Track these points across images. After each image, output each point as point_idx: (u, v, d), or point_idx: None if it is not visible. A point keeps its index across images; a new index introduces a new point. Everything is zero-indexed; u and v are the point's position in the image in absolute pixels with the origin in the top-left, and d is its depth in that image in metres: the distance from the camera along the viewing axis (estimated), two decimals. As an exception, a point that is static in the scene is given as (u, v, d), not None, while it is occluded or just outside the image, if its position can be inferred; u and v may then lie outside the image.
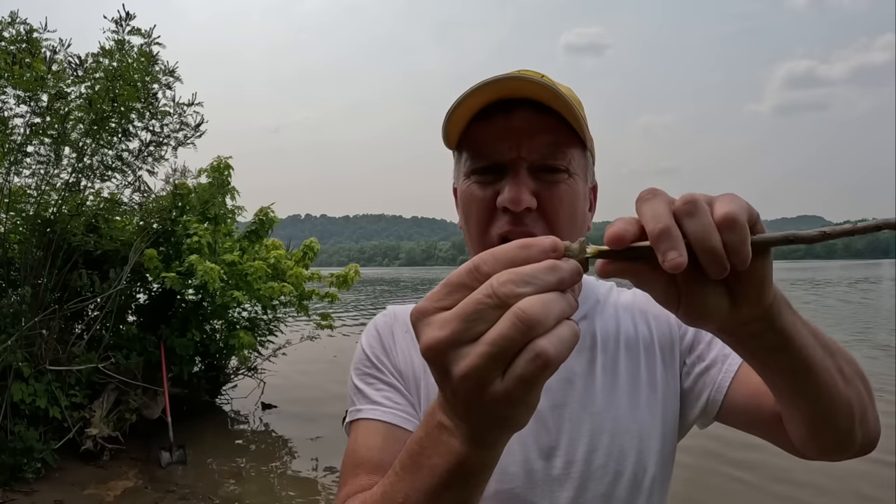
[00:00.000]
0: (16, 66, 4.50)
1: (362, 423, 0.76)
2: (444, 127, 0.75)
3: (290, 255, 6.44)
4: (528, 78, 0.69)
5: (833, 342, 0.57)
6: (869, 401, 0.60)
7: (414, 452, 0.48)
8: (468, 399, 0.39)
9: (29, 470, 4.37)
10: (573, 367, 0.79)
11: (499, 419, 0.40)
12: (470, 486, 0.46)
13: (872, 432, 0.62)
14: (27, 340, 4.71)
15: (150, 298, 6.19)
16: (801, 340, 0.50)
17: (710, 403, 0.77)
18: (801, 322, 0.51)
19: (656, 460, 0.76)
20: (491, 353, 0.35)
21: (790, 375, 0.54)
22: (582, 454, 0.74)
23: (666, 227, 0.38)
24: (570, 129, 0.73)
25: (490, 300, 0.36)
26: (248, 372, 6.78)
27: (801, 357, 0.51)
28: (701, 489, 4.38)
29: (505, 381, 0.36)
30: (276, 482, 4.81)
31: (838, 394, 0.55)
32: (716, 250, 0.38)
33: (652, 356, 0.81)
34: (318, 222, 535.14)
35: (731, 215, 0.38)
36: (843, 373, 0.56)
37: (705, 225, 0.38)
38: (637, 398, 0.78)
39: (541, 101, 0.71)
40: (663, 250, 0.37)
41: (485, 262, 0.38)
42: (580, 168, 0.76)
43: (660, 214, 0.38)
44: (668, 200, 0.40)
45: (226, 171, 5.90)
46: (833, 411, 0.57)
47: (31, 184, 5.13)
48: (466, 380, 0.37)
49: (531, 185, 0.71)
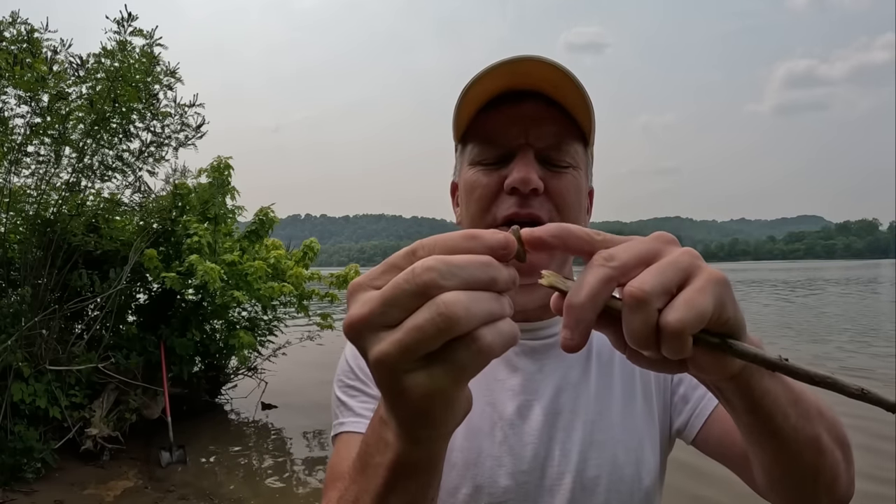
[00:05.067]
0: (17, 67, 4.50)
1: (344, 436, 0.75)
2: (455, 111, 0.74)
3: (290, 255, 6.44)
4: (543, 59, 0.68)
5: (817, 408, 0.53)
6: (845, 468, 0.57)
7: (362, 452, 0.47)
8: (387, 386, 0.36)
9: (29, 470, 4.37)
10: (567, 376, 0.77)
11: (419, 413, 0.37)
12: (412, 489, 0.44)
13: (841, 497, 0.58)
14: (27, 340, 4.71)
15: (150, 298, 6.19)
16: (771, 409, 0.47)
17: (688, 427, 0.76)
18: (781, 388, 0.47)
19: (651, 470, 0.75)
20: (404, 341, 0.33)
21: (751, 434, 0.51)
22: (574, 464, 0.73)
23: (575, 307, 0.34)
24: (575, 125, 0.74)
25: (408, 286, 0.33)
26: (248, 372, 6.79)
27: (768, 423, 0.48)
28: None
29: (429, 370, 0.34)
30: (276, 482, 4.81)
31: (804, 462, 0.52)
32: (643, 350, 0.35)
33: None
34: (318, 222, 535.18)
35: (674, 329, 0.33)
36: (819, 443, 0.52)
37: (640, 328, 0.34)
38: (632, 408, 0.77)
39: (549, 92, 0.71)
40: (565, 325, 0.35)
41: (423, 247, 0.35)
42: (583, 165, 0.76)
43: (583, 288, 0.34)
44: (609, 276, 0.35)
45: (226, 171, 5.90)
46: (795, 475, 0.54)
47: (31, 184, 5.13)
48: (380, 365, 0.35)
49: (538, 169, 0.71)
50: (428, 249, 0.35)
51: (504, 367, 0.78)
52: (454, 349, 0.33)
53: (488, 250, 0.35)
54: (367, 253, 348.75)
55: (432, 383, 0.34)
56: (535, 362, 0.78)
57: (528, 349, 0.79)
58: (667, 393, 0.80)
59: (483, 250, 0.35)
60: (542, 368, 0.78)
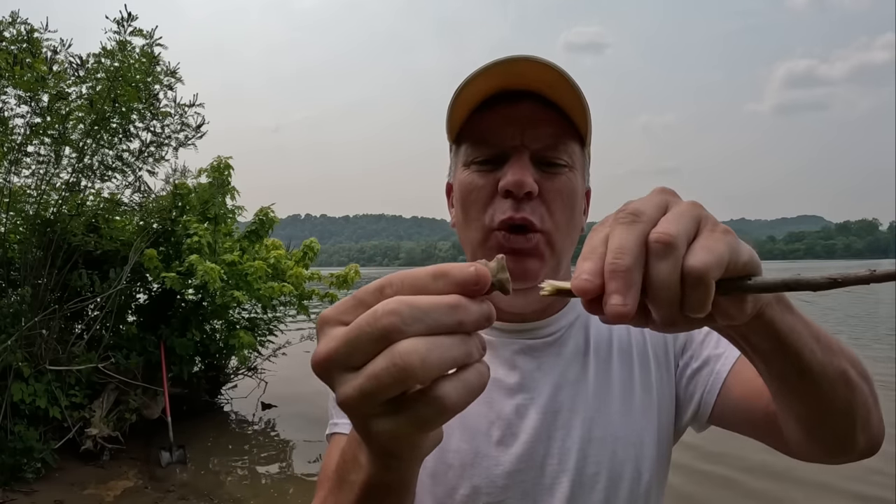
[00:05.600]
0: (17, 67, 4.50)
1: (337, 437, 0.76)
2: (448, 112, 0.74)
3: (290, 255, 6.44)
4: (539, 59, 0.67)
5: (837, 343, 0.54)
6: (873, 403, 0.58)
7: (339, 467, 0.48)
8: (355, 426, 0.36)
9: (29, 470, 4.37)
10: (566, 374, 0.77)
11: (386, 451, 0.38)
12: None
13: (875, 436, 0.59)
14: (27, 340, 4.71)
15: (150, 298, 6.19)
16: (798, 345, 0.48)
17: (702, 405, 0.75)
18: (801, 324, 0.48)
19: (651, 465, 0.75)
20: (364, 387, 0.32)
21: (785, 379, 0.52)
22: (573, 462, 0.73)
23: (621, 270, 0.33)
24: (571, 125, 0.73)
25: (369, 328, 0.32)
26: (248, 372, 6.79)
27: (798, 362, 0.49)
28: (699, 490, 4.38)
29: (393, 418, 0.33)
30: (275, 482, 4.81)
31: (838, 398, 0.53)
32: (668, 305, 0.34)
33: (646, 360, 0.79)
34: (318, 222, 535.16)
35: (699, 272, 0.33)
36: (847, 376, 0.53)
37: (668, 275, 0.33)
38: (631, 403, 0.76)
39: (545, 93, 0.71)
40: (609, 291, 0.33)
41: (391, 284, 0.34)
42: (579, 165, 0.75)
43: (626, 249, 0.34)
44: (644, 231, 0.34)
45: (226, 171, 5.90)
46: (832, 415, 0.55)
47: (31, 184, 5.13)
48: (346, 407, 0.34)
49: (533, 172, 0.71)
50: (396, 288, 0.33)
51: (502, 365, 0.78)
52: (415, 401, 0.32)
53: (457, 288, 0.33)
54: (367, 253, 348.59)
55: (397, 429, 0.33)
56: (533, 360, 0.78)
57: (527, 348, 0.79)
58: (671, 383, 0.79)
59: (452, 289, 0.33)
60: (540, 367, 0.78)
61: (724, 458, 4.75)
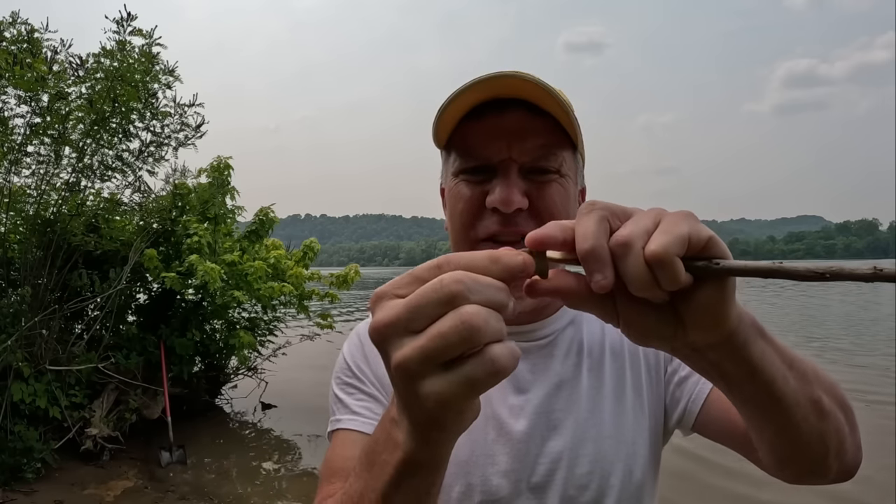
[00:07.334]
0: (17, 67, 4.50)
1: (341, 433, 0.76)
2: (434, 125, 0.74)
3: (290, 255, 6.44)
4: (522, 76, 0.68)
5: (812, 370, 0.54)
6: (849, 431, 0.57)
7: (369, 449, 0.48)
8: (404, 390, 0.39)
9: (29, 470, 4.37)
10: (560, 373, 0.78)
11: (431, 419, 0.39)
12: (417, 487, 0.45)
13: (850, 462, 0.59)
14: (27, 340, 4.71)
15: (150, 298, 6.19)
16: (769, 374, 0.47)
17: (686, 414, 0.77)
18: (773, 351, 0.48)
19: (643, 465, 0.76)
20: (426, 347, 0.35)
21: (757, 406, 0.51)
22: (566, 461, 0.74)
23: (592, 248, 0.37)
24: (562, 130, 0.73)
25: (435, 295, 0.35)
26: (248, 372, 6.79)
27: (768, 391, 0.48)
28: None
29: (446, 379, 0.35)
30: (276, 482, 4.81)
31: (810, 427, 0.52)
32: (648, 289, 0.37)
33: (637, 362, 0.80)
34: (318, 222, 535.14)
35: (658, 254, 0.36)
36: (820, 405, 0.53)
37: (634, 267, 0.37)
38: (623, 404, 0.77)
39: (534, 101, 0.70)
40: (589, 271, 0.37)
41: (449, 262, 0.37)
42: (571, 170, 0.75)
43: (589, 233, 0.37)
44: (603, 217, 0.38)
45: (226, 171, 5.90)
46: (803, 443, 0.54)
47: (31, 184, 5.13)
48: (400, 369, 0.36)
49: (522, 185, 0.70)
50: (454, 265, 0.37)
51: None
52: (470, 362, 0.35)
53: (508, 273, 0.37)
54: (367, 253, 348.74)
55: (447, 392, 0.36)
56: (527, 362, 0.79)
57: (521, 350, 0.79)
58: (660, 386, 0.80)
59: (504, 273, 0.37)
60: (534, 368, 0.79)
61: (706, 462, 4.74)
